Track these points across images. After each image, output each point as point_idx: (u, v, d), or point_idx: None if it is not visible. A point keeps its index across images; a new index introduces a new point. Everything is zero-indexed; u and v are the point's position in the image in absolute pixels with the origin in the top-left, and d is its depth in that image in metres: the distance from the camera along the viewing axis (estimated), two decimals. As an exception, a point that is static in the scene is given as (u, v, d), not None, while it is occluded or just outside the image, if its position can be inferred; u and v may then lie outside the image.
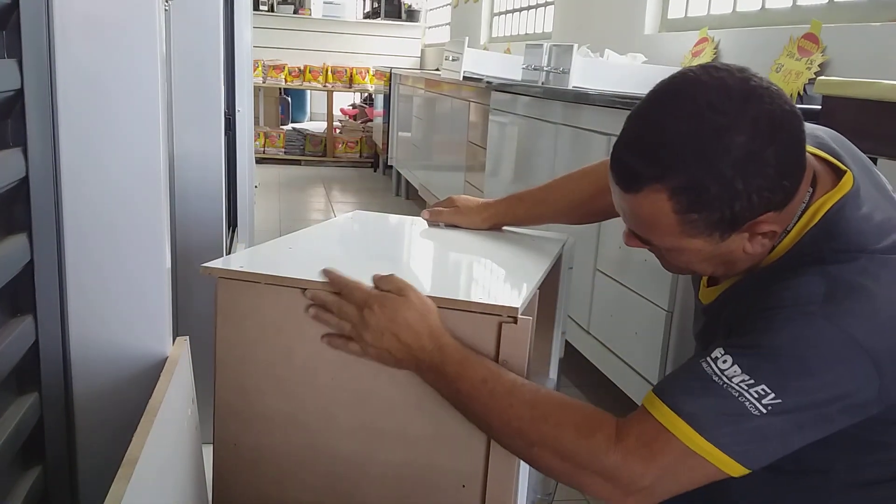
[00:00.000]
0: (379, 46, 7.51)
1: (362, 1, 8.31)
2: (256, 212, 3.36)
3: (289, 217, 4.76)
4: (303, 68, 7.04)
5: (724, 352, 0.83)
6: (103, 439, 0.95)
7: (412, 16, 7.73)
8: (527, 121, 2.89)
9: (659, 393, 0.85)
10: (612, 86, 2.54)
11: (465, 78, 3.66)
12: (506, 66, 3.64)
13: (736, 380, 0.81)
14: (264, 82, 6.95)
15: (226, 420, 0.98)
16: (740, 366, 0.81)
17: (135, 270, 0.93)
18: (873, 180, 0.93)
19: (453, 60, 3.82)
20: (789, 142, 0.83)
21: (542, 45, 2.94)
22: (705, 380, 0.82)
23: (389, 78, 6.04)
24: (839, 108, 1.44)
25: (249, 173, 2.70)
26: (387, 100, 6.14)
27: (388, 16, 7.70)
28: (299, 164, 6.94)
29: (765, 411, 0.80)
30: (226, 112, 1.84)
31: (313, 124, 7.70)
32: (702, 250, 0.89)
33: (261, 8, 7.13)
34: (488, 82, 3.39)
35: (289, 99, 7.76)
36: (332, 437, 0.95)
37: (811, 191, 0.89)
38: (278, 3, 7.33)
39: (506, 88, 3.14)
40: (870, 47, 2.07)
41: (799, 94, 2.22)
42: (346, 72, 7.10)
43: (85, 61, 0.86)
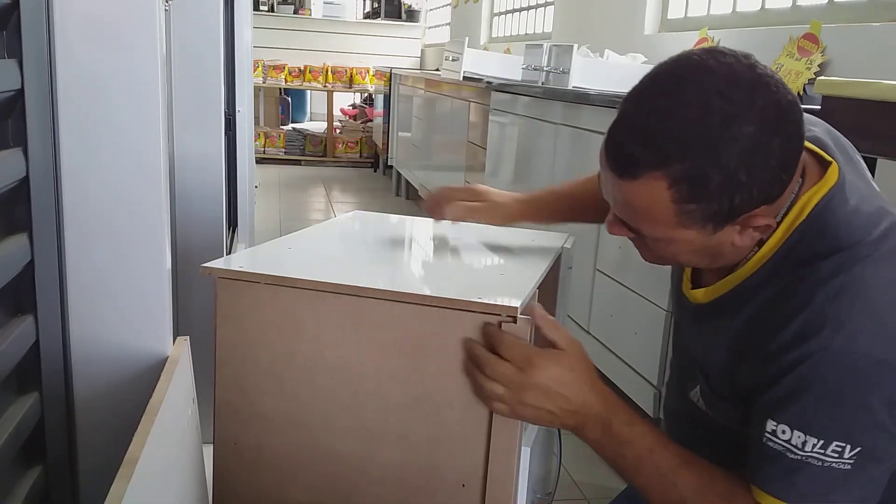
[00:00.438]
0: (379, 46, 7.52)
1: (362, 1, 8.31)
2: (256, 212, 3.36)
3: (289, 217, 4.76)
4: (303, 68, 7.04)
5: (775, 423, 0.83)
6: (104, 439, 0.95)
7: (412, 16, 7.73)
8: (527, 121, 2.90)
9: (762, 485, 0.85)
10: (612, 86, 2.54)
11: (465, 78, 3.66)
12: (506, 67, 3.64)
13: (808, 447, 0.81)
14: (264, 82, 6.96)
15: (226, 420, 0.98)
16: (801, 430, 0.82)
17: (135, 270, 0.93)
18: (857, 170, 0.91)
19: (453, 60, 3.82)
20: (793, 133, 0.81)
21: (542, 45, 2.94)
22: (782, 458, 0.83)
23: (389, 78, 6.05)
24: (839, 108, 1.44)
25: (250, 173, 2.70)
26: (387, 100, 6.14)
27: (388, 16, 7.70)
28: (299, 165, 6.94)
29: (853, 462, 0.81)
30: (226, 112, 1.84)
31: (313, 124, 7.71)
32: (692, 242, 0.86)
33: (261, 8, 7.13)
34: (488, 82, 3.40)
35: (289, 99, 7.76)
36: (332, 437, 0.95)
37: (801, 182, 0.87)
38: (278, 3, 7.33)
39: (506, 88, 3.14)
40: (870, 47, 2.07)
41: (799, 94, 2.23)
42: (346, 72, 7.11)
43: (85, 61, 0.86)
